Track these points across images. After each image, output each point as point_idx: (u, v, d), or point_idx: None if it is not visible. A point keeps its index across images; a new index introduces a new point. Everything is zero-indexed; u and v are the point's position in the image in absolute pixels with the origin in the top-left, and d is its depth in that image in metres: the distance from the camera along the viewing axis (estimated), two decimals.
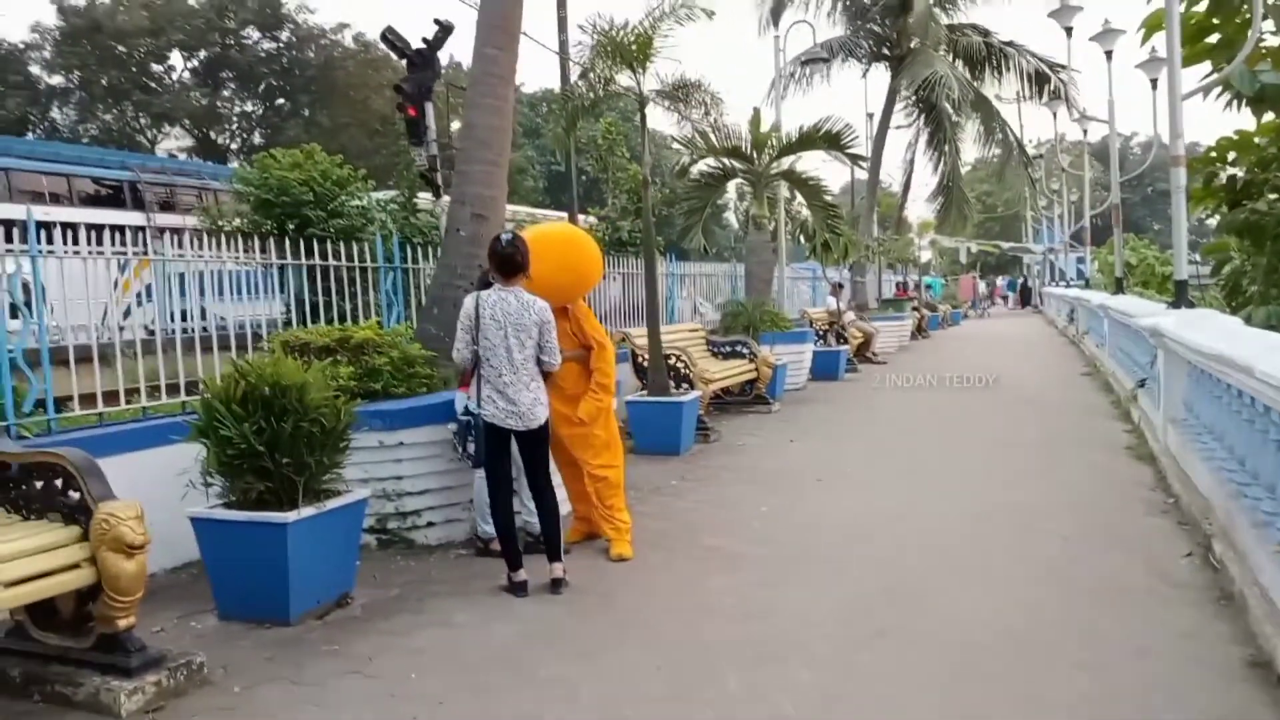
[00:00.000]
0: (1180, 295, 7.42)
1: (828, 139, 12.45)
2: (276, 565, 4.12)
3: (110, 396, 5.29)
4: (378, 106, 39.37)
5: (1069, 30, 13.97)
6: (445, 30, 10.91)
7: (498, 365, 4.45)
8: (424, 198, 15.97)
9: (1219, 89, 8.45)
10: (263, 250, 6.56)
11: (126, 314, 6.57)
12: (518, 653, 3.87)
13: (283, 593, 4.15)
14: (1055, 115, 20.68)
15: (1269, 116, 8.95)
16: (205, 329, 6.67)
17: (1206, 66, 11.19)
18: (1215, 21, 10.78)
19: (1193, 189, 12.86)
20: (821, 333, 15.28)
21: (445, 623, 4.24)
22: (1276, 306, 8.20)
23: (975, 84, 20.55)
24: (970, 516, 5.89)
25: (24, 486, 3.65)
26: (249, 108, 42.11)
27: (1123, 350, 12.14)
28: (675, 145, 12.82)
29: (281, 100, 41.57)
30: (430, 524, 5.50)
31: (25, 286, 4.90)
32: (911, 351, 19.73)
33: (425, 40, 10.78)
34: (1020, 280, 50.13)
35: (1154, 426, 7.89)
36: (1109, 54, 13.63)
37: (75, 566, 3.38)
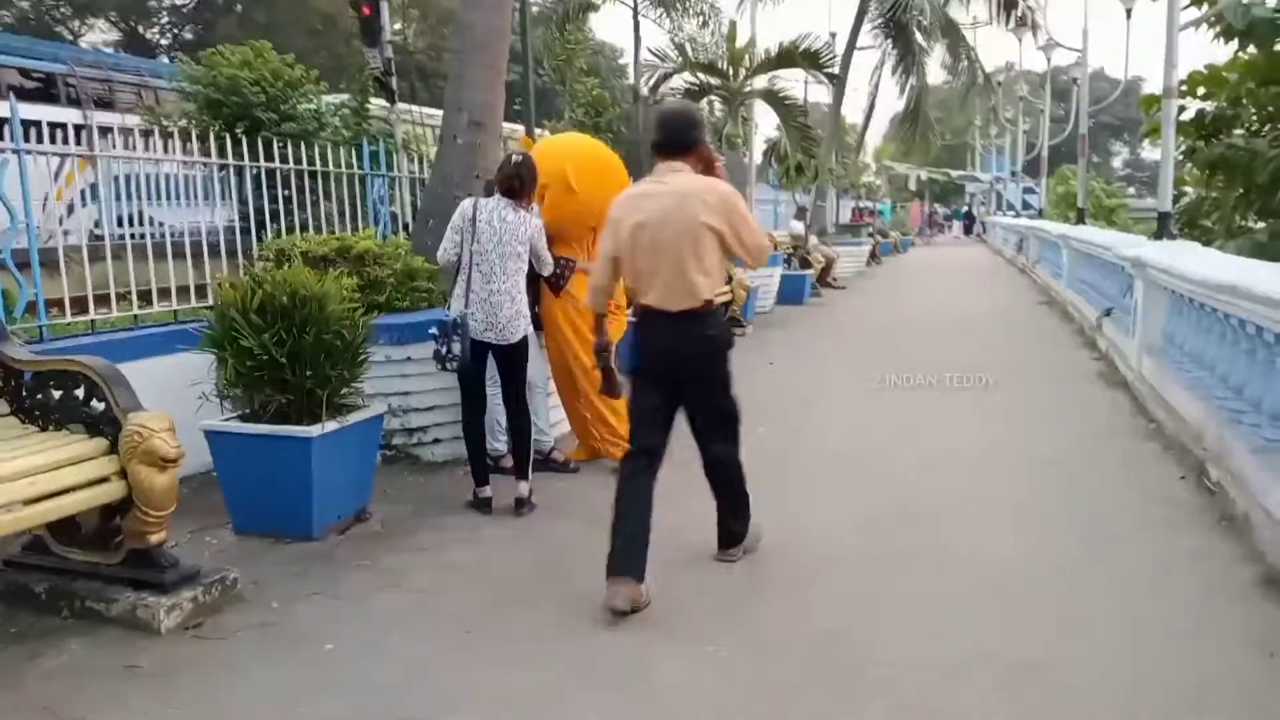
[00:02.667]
0: (1163, 227, 7.56)
1: (806, 57, 12.29)
2: (300, 480, 4.02)
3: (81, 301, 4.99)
4: (318, 4, 37.34)
5: None
6: None
7: (486, 272, 4.36)
8: (376, 103, 15.33)
9: (1209, 22, 8.47)
10: (219, 151, 5.97)
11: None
12: (551, 568, 3.87)
13: (306, 507, 4.07)
14: (1021, 41, 20.68)
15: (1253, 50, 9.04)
16: (157, 235, 6.16)
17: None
18: None
19: (1155, 123, 13.10)
20: (786, 257, 15.30)
21: (472, 539, 4.22)
22: (1247, 239, 8.43)
23: (944, 6, 20.34)
24: (961, 438, 6.04)
25: (39, 395, 3.48)
26: (179, 1, 39.56)
27: (1084, 280, 12.44)
28: (651, 57, 12.59)
29: None
30: (437, 440, 5.42)
31: None
32: (868, 277, 19.93)
33: None
34: (965, 209, 50.78)
35: (1125, 355, 8.12)
36: None
37: (103, 480, 3.25)
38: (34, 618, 3.35)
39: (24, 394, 3.48)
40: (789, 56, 12.24)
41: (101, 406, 3.33)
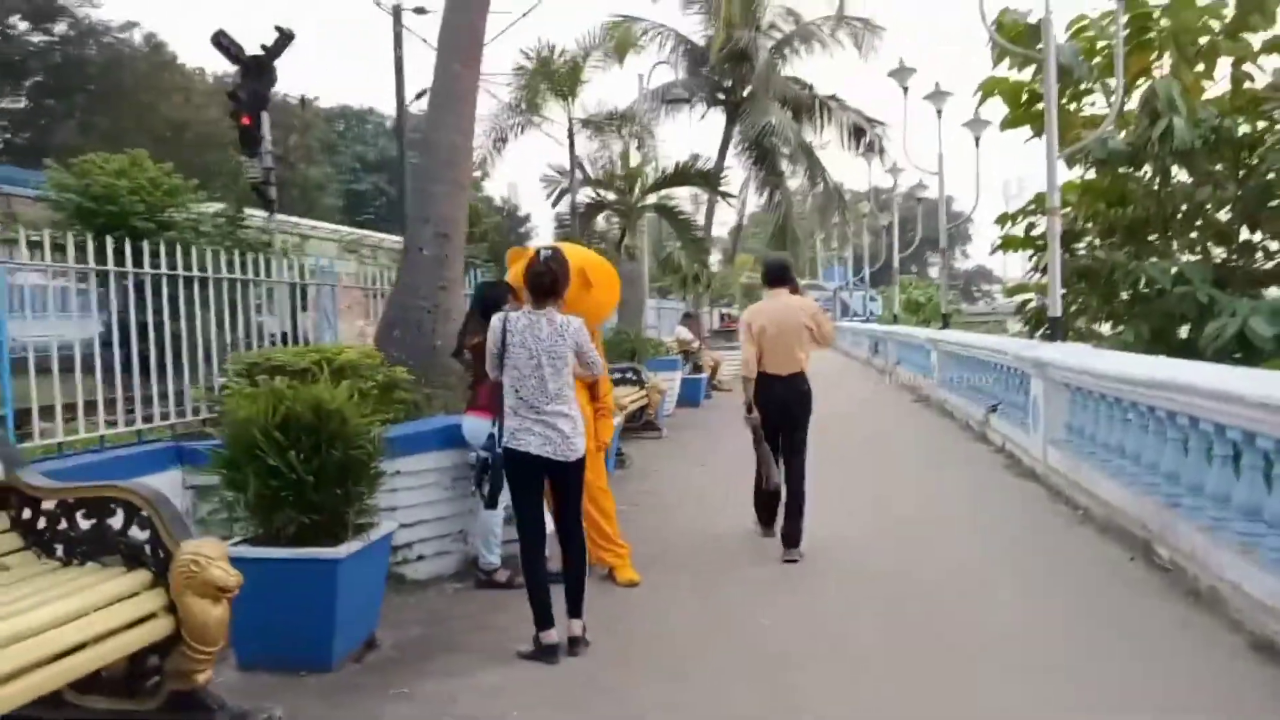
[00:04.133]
0: (1055, 330, 8.39)
1: (702, 176, 12.99)
2: (323, 605, 3.79)
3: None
4: (167, 112, 36.24)
5: (905, 89, 15.46)
6: (286, 37, 10.35)
7: (529, 396, 4.05)
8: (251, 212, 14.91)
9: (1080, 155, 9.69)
10: (96, 257, 5.18)
11: None
12: (598, 678, 3.79)
13: (327, 635, 3.82)
14: (870, 165, 22.70)
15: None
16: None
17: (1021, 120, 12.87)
18: (1039, 91, 12.42)
19: (1008, 237, 14.60)
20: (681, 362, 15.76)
21: (499, 658, 4.06)
22: (1115, 340, 9.47)
23: (801, 133, 22.08)
24: (901, 521, 6.51)
25: (61, 526, 3.16)
26: (12, 105, 37.37)
27: (959, 380, 13.45)
28: (550, 174, 12.96)
29: (52, 100, 37.24)
30: (420, 557, 5.21)
31: None
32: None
33: (264, 46, 10.20)
34: None
35: (1024, 448, 8.81)
36: (939, 112, 15.19)
37: (147, 618, 2.97)
38: None
39: (42, 525, 3.16)
40: (684, 175, 12.93)
41: (144, 535, 3.07)
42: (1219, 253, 11.61)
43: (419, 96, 24.97)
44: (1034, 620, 4.43)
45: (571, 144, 7.87)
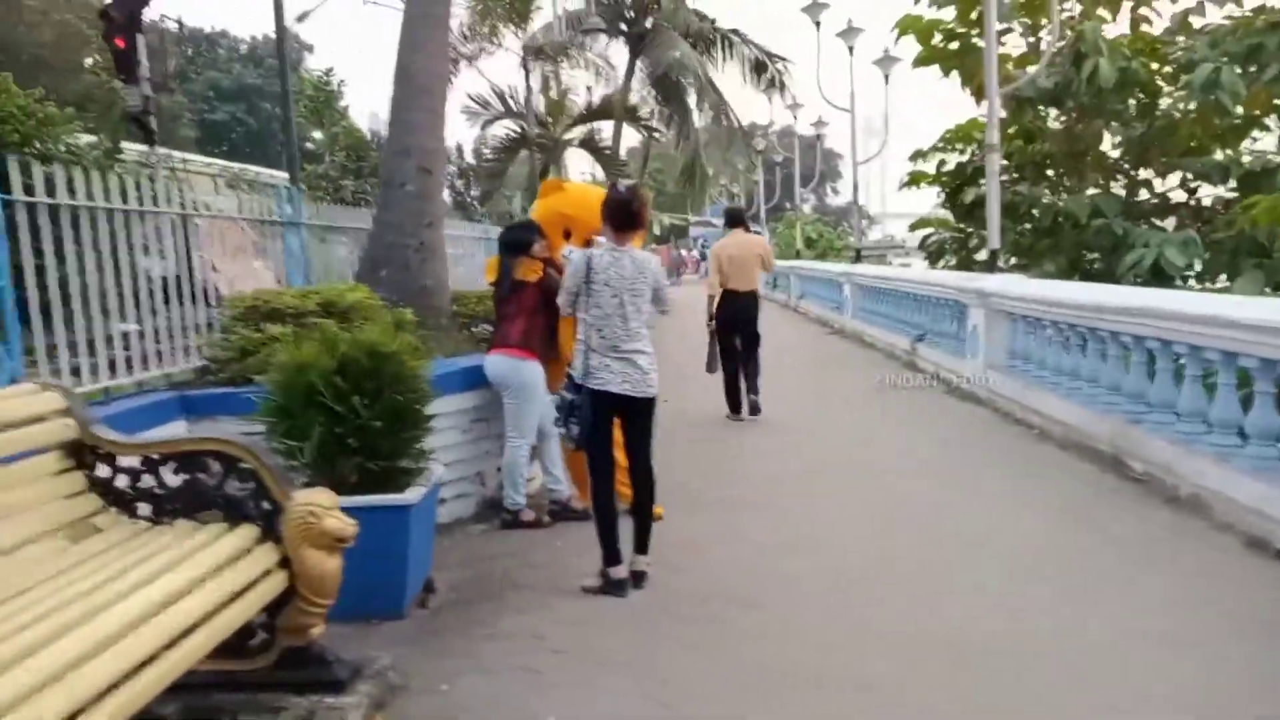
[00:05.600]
0: (992, 262, 8.83)
1: (628, 111, 12.82)
2: (397, 552, 3.70)
3: None
4: (21, 35, 32.66)
5: (818, 24, 15.65)
6: None
7: (610, 334, 4.03)
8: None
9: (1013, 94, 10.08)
10: None
11: None
12: (680, 609, 3.87)
13: (400, 582, 3.76)
14: (771, 101, 22.93)
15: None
16: None
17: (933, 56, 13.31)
18: (959, 31, 12.82)
19: (916, 173, 15.14)
20: None
21: (566, 593, 4.07)
22: (1038, 272, 10.07)
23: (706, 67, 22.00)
24: (870, 447, 6.83)
25: (142, 482, 2.95)
26: None
27: (877, 313, 13.99)
28: (471, 107, 12.42)
29: None
30: (441, 500, 5.10)
31: None
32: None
33: None
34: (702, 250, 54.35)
35: (962, 373, 9.29)
36: (851, 49, 15.47)
37: (263, 576, 2.83)
38: None
39: (123, 483, 2.94)
40: (608, 109, 12.75)
41: (247, 488, 2.90)
42: (1116, 189, 12.45)
43: (301, 19, 23.57)
44: (1027, 527, 4.80)
45: (526, 74, 7.61)
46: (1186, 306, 5.21)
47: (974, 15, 12.49)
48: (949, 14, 12.42)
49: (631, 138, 24.33)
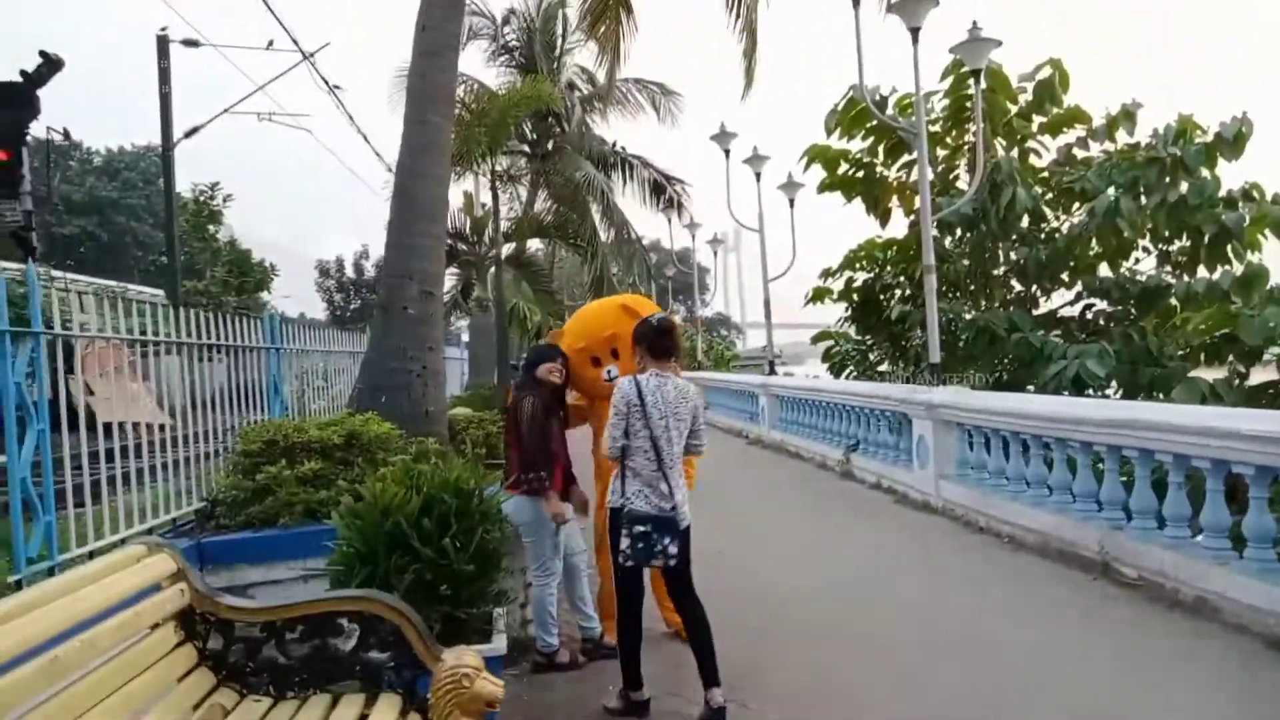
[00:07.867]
0: (935, 374, 9.25)
1: (558, 229, 13.01)
2: None
3: None
4: None
5: (727, 152, 16.52)
6: (52, 65, 9.35)
7: (654, 459, 4.02)
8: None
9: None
10: None
11: None
12: None
13: None
14: (670, 221, 23.78)
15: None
16: None
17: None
18: (866, 160, 13.80)
19: (819, 289, 15.91)
20: None
21: None
22: (977, 376, 10.65)
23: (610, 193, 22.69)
24: (844, 568, 6.81)
25: (264, 653, 2.63)
26: None
27: (800, 424, 14.28)
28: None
29: None
30: None
31: None
32: None
33: (24, 74, 9.09)
34: None
35: (910, 483, 9.55)
36: (758, 175, 16.34)
37: None
38: None
39: (236, 656, 2.60)
40: (538, 227, 12.90)
41: (383, 655, 2.63)
42: (1012, 304, 13.51)
43: (190, 134, 23.00)
44: (1035, 640, 4.91)
45: (495, 195, 7.62)
46: (1177, 419, 5.60)
47: (880, 148, 13.54)
48: (856, 145, 13.45)
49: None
